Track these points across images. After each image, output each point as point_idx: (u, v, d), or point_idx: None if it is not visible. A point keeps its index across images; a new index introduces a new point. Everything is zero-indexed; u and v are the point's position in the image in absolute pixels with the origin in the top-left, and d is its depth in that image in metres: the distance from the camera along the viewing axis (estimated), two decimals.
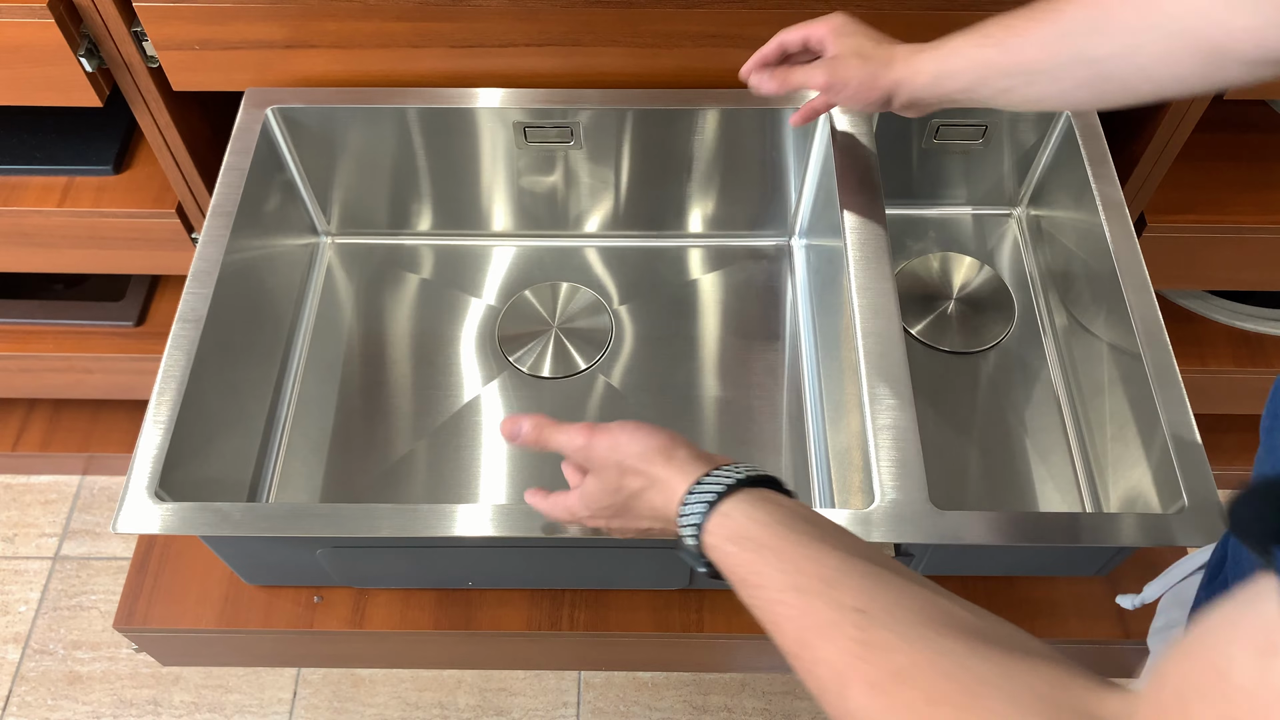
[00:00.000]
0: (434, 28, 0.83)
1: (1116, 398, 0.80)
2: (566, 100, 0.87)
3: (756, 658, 0.89)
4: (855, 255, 0.79)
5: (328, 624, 0.83)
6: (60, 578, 1.49)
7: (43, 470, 1.57)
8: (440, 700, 1.38)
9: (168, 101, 0.89)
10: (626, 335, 0.96)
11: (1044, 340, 0.94)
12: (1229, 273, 1.08)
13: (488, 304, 0.98)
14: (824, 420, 0.88)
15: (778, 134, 0.91)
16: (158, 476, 0.68)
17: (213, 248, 0.79)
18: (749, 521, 0.49)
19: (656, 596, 0.84)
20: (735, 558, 0.49)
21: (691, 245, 1.02)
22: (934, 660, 0.39)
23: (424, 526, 0.68)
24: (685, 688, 1.39)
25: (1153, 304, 0.77)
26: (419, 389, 0.93)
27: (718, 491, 0.51)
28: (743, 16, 0.82)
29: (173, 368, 0.74)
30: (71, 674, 1.40)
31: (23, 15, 0.78)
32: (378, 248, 1.02)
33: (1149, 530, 0.67)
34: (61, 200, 1.00)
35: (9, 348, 1.23)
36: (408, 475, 0.88)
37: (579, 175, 0.95)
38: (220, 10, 0.81)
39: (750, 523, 0.49)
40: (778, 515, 0.49)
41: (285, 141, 0.90)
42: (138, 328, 1.26)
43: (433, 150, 0.93)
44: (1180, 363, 0.74)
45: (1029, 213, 1.02)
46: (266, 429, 0.88)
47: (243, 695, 1.38)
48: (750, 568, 0.48)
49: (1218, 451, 1.48)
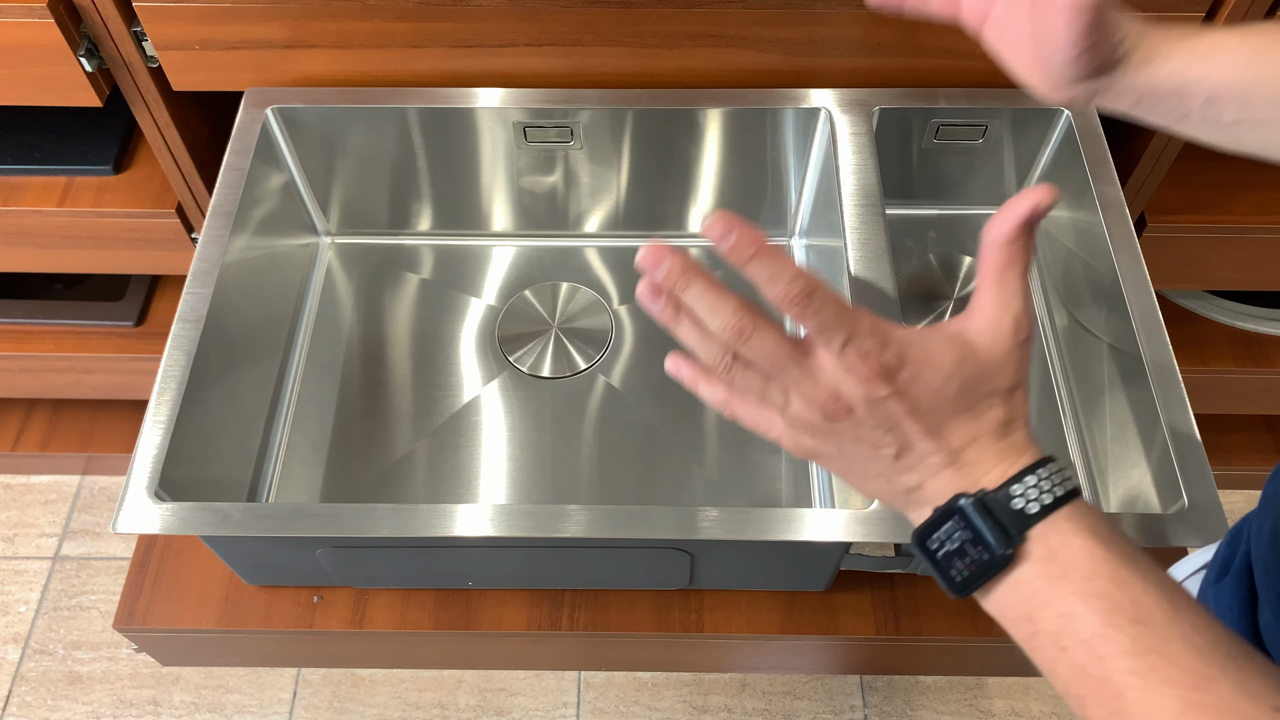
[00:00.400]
0: (434, 28, 0.83)
1: (1116, 398, 0.80)
2: (566, 100, 0.88)
3: (756, 658, 0.89)
4: (855, 255, 0.79)
5: (328, 624, 0.83)
6: (60, 578, 1.49)
7: (42, 470, 1.57)
8: (440, 700, 1.38)
9: (168, 101, 0.89)
10: (626, 335, 0.96)
11: (1044, 340, 0.94)
12: (1229, 273, 1.08)
13: (488, 304, 0.98)
14: None
15: (778, 134, 0.91)
16: (157, 476, 0.68)
17: (213, 248, 0.79)
18: (1108, 525, 0.40)
19: (656, 596, 0.84)
20: (1096, 558, 0.39)
21: (692, 245, 1.02)
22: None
23: (424, 526, 0.68)
24: (685, 688, 1.39)
25: (1153, 304, 0.77)
26: (419, 389, 0.93)
27: (1074, 485, 0.41)
28: (743, 16, 0.82)
29: (173, 368, 0.74)
30: (71, 674, 1.40)
31: (23, 15, 0.78)
32: (378, 248, 1.02)
33: (1149, 530, 0.67)
34: (61, 200, 1.00)
35: (9, 348, 1.23)
36: (408, 475, 0.88)
37: (579, 175, 0.95)
38: (220, 10, 0.81)
39: (1110, 526, 0.40)
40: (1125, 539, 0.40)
41: (285, 141, 0.90)
42: (138, 328, 1.26)
43: (433, 150, 0.93)
44: (1180, 363, 0.74)
45: None
46: (266, 429, 0.88)
47: (243, 695, 1.38)
48: (1117, 576, 0.38)
49: (1218, 451, 1.48)
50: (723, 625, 0.83)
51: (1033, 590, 0.39)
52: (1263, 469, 1.50)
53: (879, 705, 1.38)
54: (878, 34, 0.83)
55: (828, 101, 0.87)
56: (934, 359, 0.41)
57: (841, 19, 0.82)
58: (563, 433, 0.90)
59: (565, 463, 0.88)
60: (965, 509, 0.40)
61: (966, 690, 1.38)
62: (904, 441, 0.41)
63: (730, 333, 0.42)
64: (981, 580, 0.40)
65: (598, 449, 0.89)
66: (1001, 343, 0.42)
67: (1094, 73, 0.49)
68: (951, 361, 0.41)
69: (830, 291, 0.41)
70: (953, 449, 0.42)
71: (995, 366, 0.42)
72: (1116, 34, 0.48)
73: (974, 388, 0.41)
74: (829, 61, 0.86)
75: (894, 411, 0.41)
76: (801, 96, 0.87)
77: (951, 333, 0.42)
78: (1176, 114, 0.50)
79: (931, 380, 0.41)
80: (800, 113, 0.88)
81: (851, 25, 0.82)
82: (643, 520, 0.68)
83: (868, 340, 0.41)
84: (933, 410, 0.41)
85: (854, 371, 0.41)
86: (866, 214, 0.81)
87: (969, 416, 0.41)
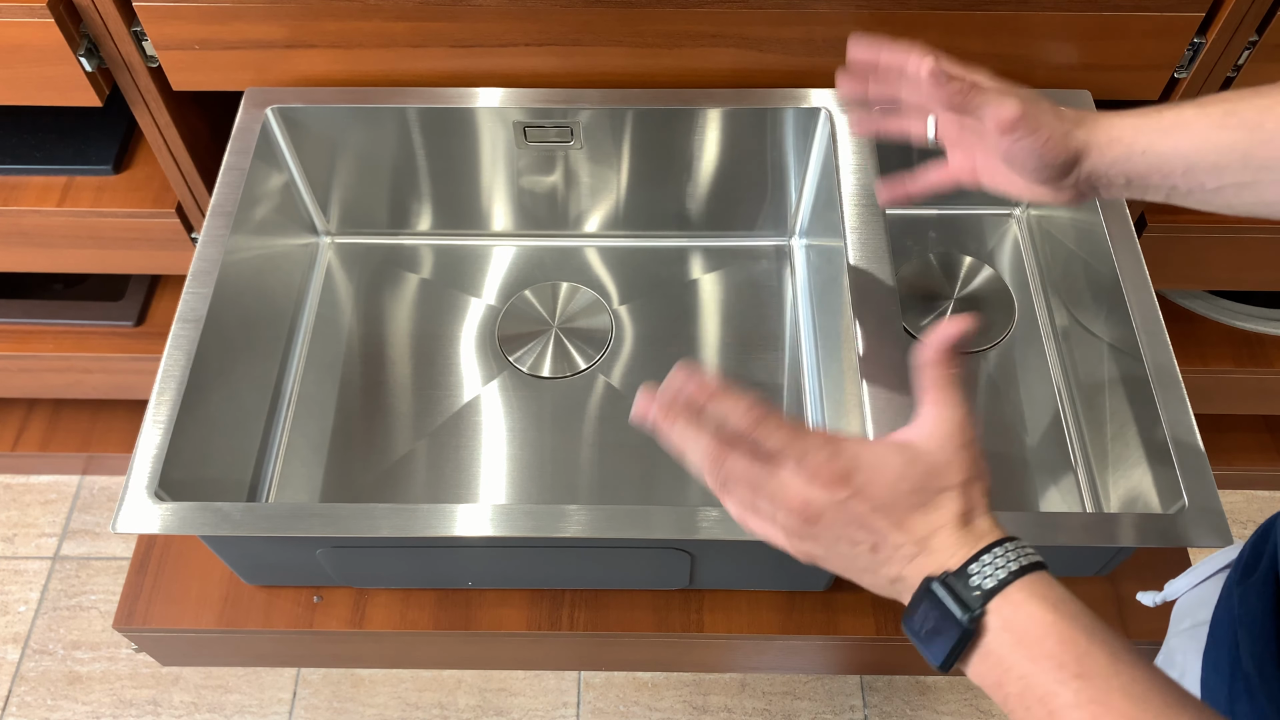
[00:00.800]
0: (434, 28, 0.83)
1: (1116, 398, 0.80)
2: (566, 100, 0.87)
3: (756, 658, 0.89)
4: (855, 255, 0.79)
5: (328, 624, 0.83)
6: (60, 578, 1.49)
7: (42, 470, 1.57)
8: (440, 700, 1.38)
9: (167, 101, 0.89)
10: (626, 335, 0.96)
11: (1044, 340, 0.94)
12: (1229, 273, 1.08)
13: (488, 304, 0.98)
14: (824, 420, 0.88)
15: (778, 134, 0.91)
16: (157, 476, 0.68)
17: (213, 248, 0.79)
18: (1061, 595, 0.44)
19: (656, 596, 0.84)
20: (1045, 623, 0.43)
21: (691, 245, 1.02)
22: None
23: (424, 526, 0.68)
24: (685, 688, 1.39)
25: (1153, 304, 0.77)
26: (419, 389, 0.93)
27: (1032, 560, 0.45)
28: (743, 16, 0.82)
29: (173, 368, 0.74)
30: (71, 674, 1.40)
31: (22, 15, 0.78)
32: (378, 248, 1.02)
33: (1149, 530, 0.67)
34: (61, 200, 1.00)
35: (9, 348, 1.23)
36: (408, 475, 0.88)
37: (579, 175, 0.95)
38: (220, 10, 0.81)
39: (1063, 596, 0.44)
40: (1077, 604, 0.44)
41: (285, 141, 0.90)
42: (137, 328, 1.26)
43: (433, 150, 0.93)
44: (1180, 363, 0.74)
45: (1029, 213, 1.02)
46: (266, 429, 0.88)
47: (243, 695, 1.38)
48: (1063, 636, 0.42)
49: (1218, 451, 1.48)
50: (723, 625, 0.83)
51: (999, 658, 0.43)
52: (1263, 469, 1.50)
53: (879, 705, 1.38)
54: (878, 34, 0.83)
55: (828, 101, 0.87)
56: (884, 463, 0.47)
57: (841, 19, 0.82)
58: (563, 433, 0.90)
59: (565, 463, 0.88)
60: (934, 589, 0.45)
61: (966, 690, 1.38)
62: (877, 537, 0.47)
63: (708, 461, 0.48)
64: (957, 653, 0.44)
65: (598, 449, 0.89)
66: (946, 446, 0.48)
67: (1065, 167, 0.57)
68: (900, 463, 0.47)
69: (780, 416, 0.48)
70: (919, 538, 0.46)
71: (943, 466, 0.47)
72: (1061, 126, 0.56)
73: (925, 485, 0.47)
74: (829, 61, 0.86)
75: (859, 510, 0.46)
76: (801, 96, 0.87)
77: (899, 441, 0.49)
78: (1165, 188, 0.56)
79: (884, 480, 0.47)
80: (800, 113, 0.88)
81: (851, 25, 0.82)
82: (643, 520, 0.68)
83: (821, 452, 0.47)
84: (892, 506, 0.46)
85: (815, 479, 0.47)
86: (866, 214, 0.81)
87: (926, 510, 0.47)
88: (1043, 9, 0.81)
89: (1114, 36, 0.83)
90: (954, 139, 0.64)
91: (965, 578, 0.45)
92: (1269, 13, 0.81)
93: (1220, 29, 0.81)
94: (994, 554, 0.45)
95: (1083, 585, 0.83)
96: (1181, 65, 0.85)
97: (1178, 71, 0.86)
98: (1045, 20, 0.82)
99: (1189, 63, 0.85)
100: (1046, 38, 0.83)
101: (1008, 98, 0.56)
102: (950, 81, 0.56)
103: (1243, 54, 0.84)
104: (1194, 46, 0.84)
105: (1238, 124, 0.53)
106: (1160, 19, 0.81)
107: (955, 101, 0.57)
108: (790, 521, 0.48)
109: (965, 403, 0.49)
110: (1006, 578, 0.44)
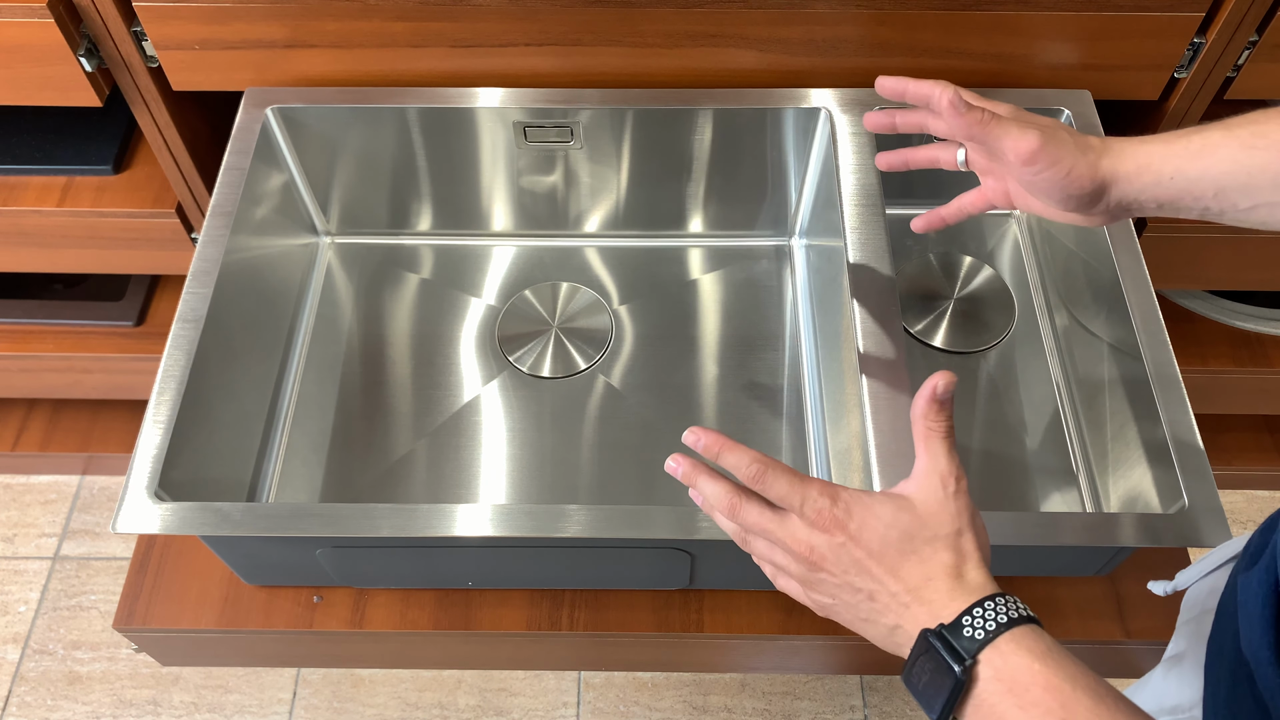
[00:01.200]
0: (434, 28, 0.83)
1: (1116, 398, 0.80)
2: (566, 100, 0.87)
3: (756, 658, 0.89)
4: (855, 255, 0.79)
5: (328, 624, 0.83)
6: (60, 578, 1.49)
7: (42, 470, 1.57)
8: (440, 700, 1.38)
9: (167, 101, 0.89)
10: (626, 335, 0.96)
11: (1044, 340, 0.94)
12: (1229, 273, 1.08)
13: (488, 304, 0.98)
14: (824, 420, 0.88)
15: (778, 134, 0.91)
16: (157, 476, 0.68)
17: (213, 248, 0.79)
18: (1052, 648, 0.46)
19: (656, 596, 0.84)
20: (1031, 671, 0.45)
21: (691, 245, 1.02)
22: None
23: (424, 526, 0.68)
24: (685, 688, 1.39)
25: (1153, 304, 0.77)
26: (419, 389, 0.93)
27: (1024, 614, 0.47)
28: (743, 16, 0.82)
29: (173, 368, 0.74)
30: (71, 674, 1.40)
31: (22, 15, 0.78)
32: (378, 248, 1.02)
33: (1149, 530, 0.67)
34: (61, 200, 1.00)
35: (9, 348, 1.23)
36: (408, 475, 0.88)
37: (579, 175, 0.95)
38: (220, 10, 0.81)
39: (1054, 649, 0.46)
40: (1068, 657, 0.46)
41: (285, 141, 0.90)
42: (137, 328, 1.26)
43: (433, 150, 0.93)
44: (1180, 363, 0.74)
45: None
46: (266, 429, 0.88)
47: (243, 695, 1.38)
48: (1049, 684, 0.44)
49: (1218, 451, 1.48)
50: (723, 625, 0.83)
51: (991, 707, 0.45)
52: (1263, 469, 1.50)
53: (879, 705, 1.38)
54: (878, 34, 0.83)
55: (828, 101, 0.87)
56: (875, 511, 0.50)
57: (841, 19, 0.82)
58: (563, 433, 0.90)
59: (565, 463, 0.88)
60: (930, 640, 0.47)
61: None
62: (875, 584, 0.49)
63: (725, 510, 0.53)
64: (951, 703, 0.46)
65: (598, 449, 0.89)
66: (934, 496, 0.50)
67: (1094, 196, 0.58)
68: (890, 511, 0.50)
69: (782, 468, 0.51)
70: (911, 587, 0.48)
71: (932, 516, 0.50)
72: (1084, 158, 0.57)
73: (914, 534, 0.49)
74: (829, 61, 0.86)
75: (856, 555, 0.49)
76: (801, 96, 0.87)
77: (891, 492, 0.51)
78: (1198, 209, 0.57)
79: (875, 527, 0.49)
80: (800, 113, 0.88)
81: (851, 25, 0.82)
82: (643, 520, 0.68)
83: (820, 499, 0.50)
84: (883, 553, 0.49)
85: (816, 525, 0.50)
86: (867, 214, 0.81)
87: (918, 559, 0.49)
88: (1043, 9, 0.81)
89: (1114, 36, 0.83)
90: (985, 167, 0.66)
91: (959, 629, 0.47)
92: (1269, 13, 0.81)
93: (1220, 29, 0.81)
94: (984, 606, 0.47)
95: (1083, 585, 0.83)
96: (1181, 65, 0.85)
97: (1178, 71, 0.86)
98: (1045, 20, 0.82)
99: (1189, 63, 0.85)
100: (1046, 37, 0.83)
101: (1027, 130, 0.57)
102: (969, 112, 0.57)
103: (1243, 54, 0.84)
104: (1194, 46, 0.84)
105: (1267, 145, 0.53)
106: (1160, 19, 0.81)
107: (974, 133, 0.58)
108: (799, 569, 0.51)
109: (952, 455, 0.51)
110: (996, 629, 0.46)
